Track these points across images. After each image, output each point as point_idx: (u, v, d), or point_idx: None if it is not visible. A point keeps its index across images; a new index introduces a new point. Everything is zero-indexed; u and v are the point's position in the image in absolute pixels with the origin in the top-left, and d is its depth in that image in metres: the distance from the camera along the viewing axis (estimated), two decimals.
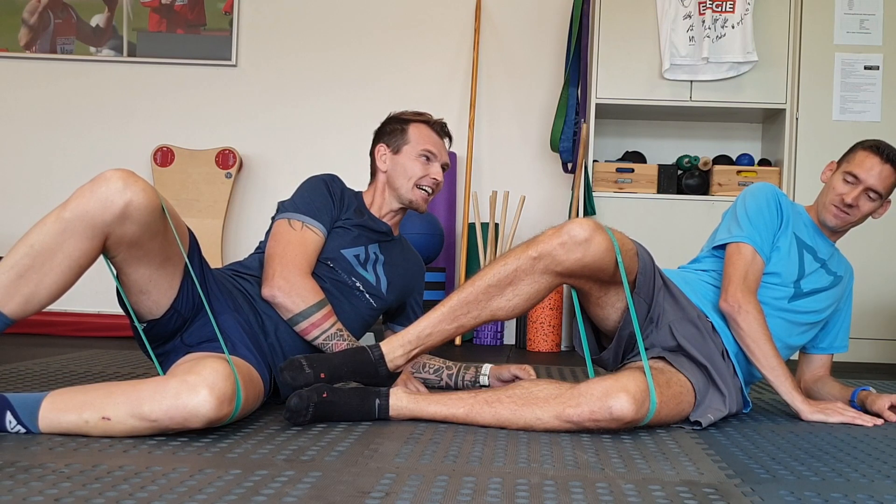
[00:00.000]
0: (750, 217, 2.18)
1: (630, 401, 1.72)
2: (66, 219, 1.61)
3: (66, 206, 1.63)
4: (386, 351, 1.89)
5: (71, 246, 1.62)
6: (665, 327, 2.03)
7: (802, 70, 3.98)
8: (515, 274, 1.85)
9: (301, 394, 1.77)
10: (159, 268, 1.77)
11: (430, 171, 2.27)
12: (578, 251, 1.81)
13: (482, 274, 1.88)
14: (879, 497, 1.36)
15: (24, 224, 4.91)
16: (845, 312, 2.36)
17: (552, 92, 4.41)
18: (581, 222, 1.83)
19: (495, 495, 1.28)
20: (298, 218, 2.14)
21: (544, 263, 1.83)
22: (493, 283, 1.86)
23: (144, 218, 1.64)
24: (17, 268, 1.62)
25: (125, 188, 1.61)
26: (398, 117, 2.34)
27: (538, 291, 1.88)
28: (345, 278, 2.19)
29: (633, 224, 3.99)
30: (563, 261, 1.82)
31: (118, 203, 1.61)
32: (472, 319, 1.89)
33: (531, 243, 1.86)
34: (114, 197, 1.60)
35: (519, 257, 1.85)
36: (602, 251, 1.82)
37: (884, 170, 2.16)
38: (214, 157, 4.36)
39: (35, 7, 4.53)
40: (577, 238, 1.80)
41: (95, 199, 1.61)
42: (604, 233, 1.83)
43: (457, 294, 1.89)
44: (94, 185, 1.62)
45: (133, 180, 1.63)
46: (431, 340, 1.90)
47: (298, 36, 4.52)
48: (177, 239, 1.77)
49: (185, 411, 1.55)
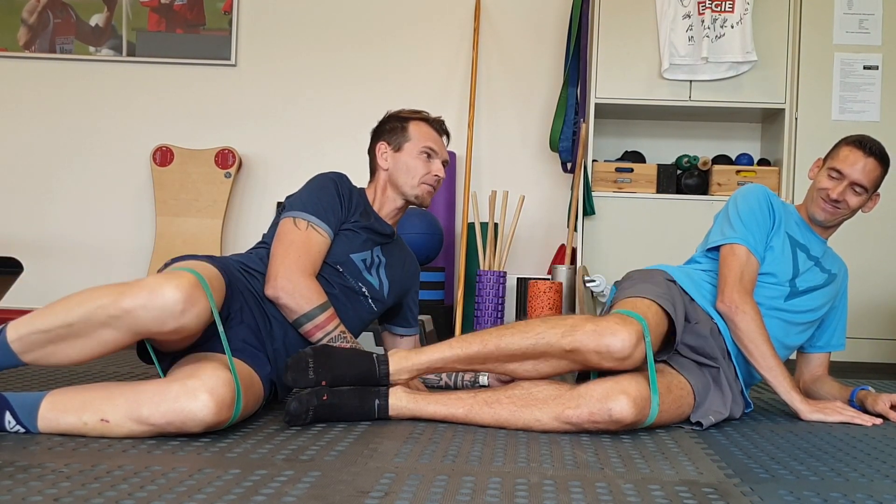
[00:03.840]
0: (742, 218, 2.18)
1: (630, 404, 1.72)
2: (113, 316, 1.58)
3: (121, 300, 1.57)
4: (392, 371, 1.88)
5: (108, 337, 1.61)
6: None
7: (802, 70, 3.98)
8: (542, 355, 1.83)
9: (300, 398, 1.77)
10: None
11: (433, 168, 2.27)
12: (612, 363, 1.78)
13: (510, 337, 1.84)
14: (878, 497, 1.36)
15: (23, 223, 4.88)
16: (841, 310, 2.36)
17: (551, 91, 4.41)
18: (622, 336, 1.74)
19: (495, 495, 1.28)
20: (305, 217, 2.13)
21: (574, 357, 1.80)
22: (517, 353, 1.83)
23: (191, 333, 1.67)
24: (49, 335, 1.61)
25: (183, 313, 1.58)
26: (397, 115, 2.34)
27: (557, 372, 1.87)
28: (352, 283, 2.18)
29: (632, 224, 4.00)
30: (595, 365, 1.80)
31: (170, 325, 1.59)
32: (483, 369, 1.91)
33: (568, 332, 1.78)
34: (168, 319, 1.58)
35: (551, 343, 1.79)
36: (636, 363, 1.79)
37: (867, 163, 2.16)
38: (214, 157, 4.36)
39: (34, 7, 4.53)
40: (615, 355, 1.75)
41: (151, 313, 1.57)
42: (642, 346, 1.78)
43: (478, 343, 1.86)
44: (153, 295, 1.57)
45: (192, 303, 1.59)
46: (437, 371, 1.94)
47: (298, 36, 4.52)
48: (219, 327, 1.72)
49: (183, 415, 1.55)
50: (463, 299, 4.03)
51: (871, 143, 2.19)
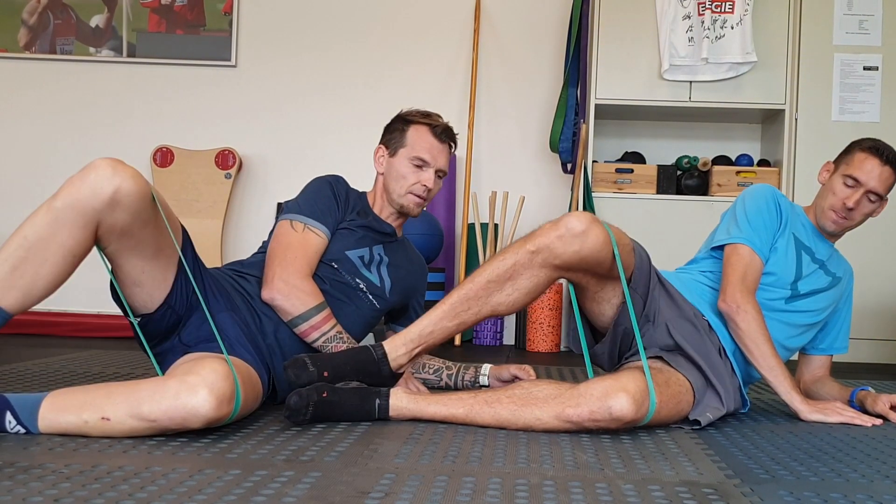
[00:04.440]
0: (749, 218, 2.17)
1: (630, 401, 1.72)
2: (57, 208, 1.62)
3: (57, 196, 1.64)
4: (388, 350, 1.89)
5: (64, 235, 1.63)
6: (662, 325, 2.03)
7: (802, 70, 3.98)
8: (514, 268, 1.86)
9: (301, 392, 1.77)
10: (152, 259, 1.77)
11: (422, 178, 2.23)
12: (576, 243, 1.81)
13: (481, 270, 1.90)
14: (878, 497, 1.36)
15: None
16: (845, 313, 2.36)
17: (551, 92, 4.41)
18: (578, 215, 1.83)
19: (495, 495, 1.28)
20: (300, 219, 2.13)
21: (542, 257, 1.84)
22: (493, 279, 1.87)
23: (134, 205, 1.65)
24: (11, 260, 1.62)
25: (113, 175, 1.62)
26: (404, 117, 2.30)
27: (537, 285, 1.88)
28: (348, 279, 2.18)
29: (632, 224, 3.96)
30: (561, 253, 1.83)
31: (107, 189, 1.61)
32: (472, 315, 1.90)
33: (529, 237, 1.87)
34: (102, 183, 1.61)
35: (517, 252, 1.86)
36: (599, 243, 1.83)
37: (884, 171, 2.15)
38: (214, 158, 4.36)
39: (34, 7, 4.53)
40: (575, 230, 1.81)
41: (85, 187, 1.62)
42: (601, 226, 1.84)
43: (457, 291, 1.90)
44: (83, 174, 1.63)
45: (121, 168, 1.64)
46: (433, 338, 1.91)
47: (298, 36, 4.52)
48: (168, 229, 1.77)
49: (184, 411, 1.55)
50: None
51: (887, 149, 2.17)
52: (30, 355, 2.95)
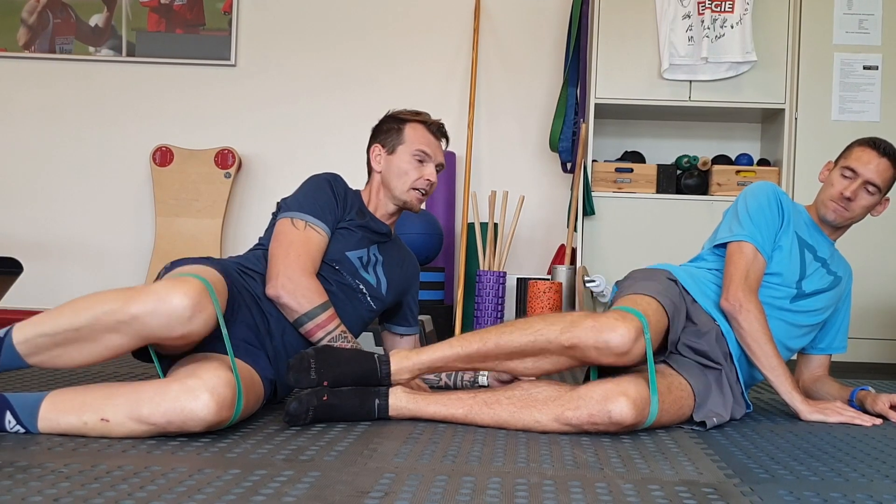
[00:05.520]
0: (751, 215, 2.17)
1: (630, 405, 1.72)
2: (121, 321, 1.59)
3: (130, 305, 1.58)
4: (394, 370, 1.89)
5: (114, 342, 1.63)
6: (679, 348, 2.04)
7: (801, 70, 3.97)
8: (542, 351, 1.84)
9: (301, 398, 1.77)
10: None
11: (424, 173, 2.25)
12: (612, 359, 1.78)
13: (510, 334, 1.85)
14: (878, 497, 1.36)
15: (22, 223, 4.87)
16: (844, 313, 2.36)
17: (551, 92, 4.41)
18: (621, 332, 1.74)
19: (494, 495, 1.28)
20: (302, 217, 2.13)
21: (573, 354, 1.81)
22: (517, 351, 1.85)
23: (198, 338, 1.67)
24: (56, 339, 1.63)
25: (191, 319, 1.60)
26: (395, 116, 2.32)
27: (557, 369, 1.88)
28: (349, 281, 2.18)
29: (632, 224, 4.00)
30: (594, 360, 1.81)
31: (178, 331, 1.61)
32: (484, 367, 1.92)
33: (567, 328, 1.79)
34: (175, 325, 1.59)
35: (550, 339, 1.81)
36: (636, 359, 1.80)
37: (881, 163, 2.17)
38: (213, 157, 4.36)
39: (34, 7, 4.53)
40: (615, 350, 1.76)
41: (159, 319, 1.58)
42: (642, 342, 1.78)
43: (478, 342, 1.87)
44: (160, 301, 1.58)
45: (199, 309, 1.60)
46: (440, 371, 1.94)
47: (297, 36, 4.52)
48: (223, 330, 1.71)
49: (184, 415, 1.55)
50: (463, 299, 4.03)
51: (884, 144, 2.21)
52: None
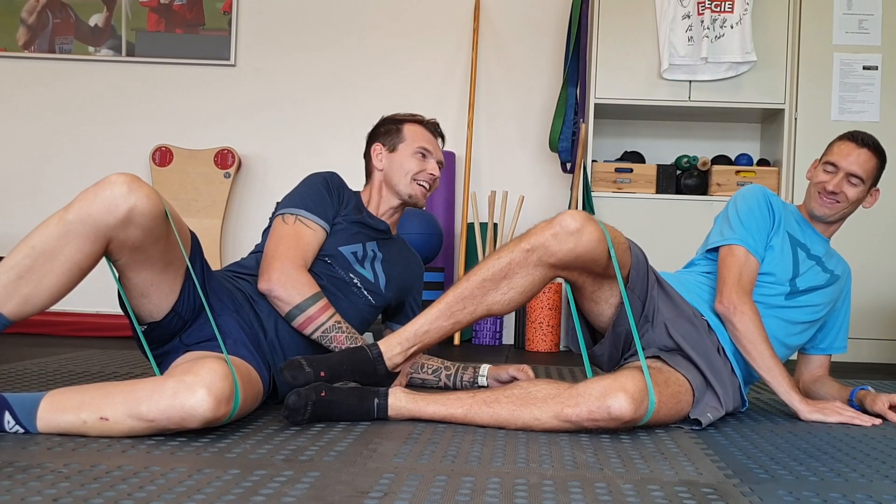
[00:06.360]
0: (742, 219, 2.19)
1: (628, 400, 1.72)
2: (68, 221, 1.61)
3: (70, 208, 1.63)
4: (384, 349, 1.89)
5: (73, 248, 1.62)
6: (661, 325, 2.03)
7: (801, 70, 3.98)
8: (509, 267, 1.86)
9: (299, 392, 1.77)
10: (161, 272, 1.77)
11: (427, 167, 2.30)
12: (570, 241, 1.82)
13: (477, 269, 1.89)
14: (878, 497, 1.36)
15: (22, 223, 4.90)
16: (844, 312, 2.36)
17: (551, 92, 4.41)
18: (573, 213, 1.84)
19: (494, 495, 1.28)
20: (291, 212, 2.17)
21: (537, 255, 1.84)
22: (488, 278, 1.87)
23: (148, 223, 1.65)
24: (17, 268, 1.62)
25: (129, 193, 1.61)
26: (392, 118, 2.38)
27: (532, 284, 1.88)
28: (342, 274, 2.20)
29: (631, 224, 3.98)
30: (556, 251, 1.83)
31: (122, 208, 1.61)
32: (468, 315, 1.89)
33: (524, 236, 1.87)
34: (118, 201, 1.61)
35: (512, 250, 1.86)
36: (594, 241, 1.83)
37: (861, 154, 2.20)
38: (213, 157, 4.36)
39: (33, 7, 4.53)
40: (569, 228, 1.81)
41: (99, 203, 1.61)
42: (595, 224, 1.85)
43: (452, 290, 1.90)
44: (98, 189, 1.62)
45: (137, 185, 1.63)
46: (429, 338, 1.91)
47: (297, 36, 4.52)
48: (179, 244, 1.77)
49: (182, 411, 1.55)
50: None
51: (862, 135, 2.24)
52: (29, 355, 2.95)
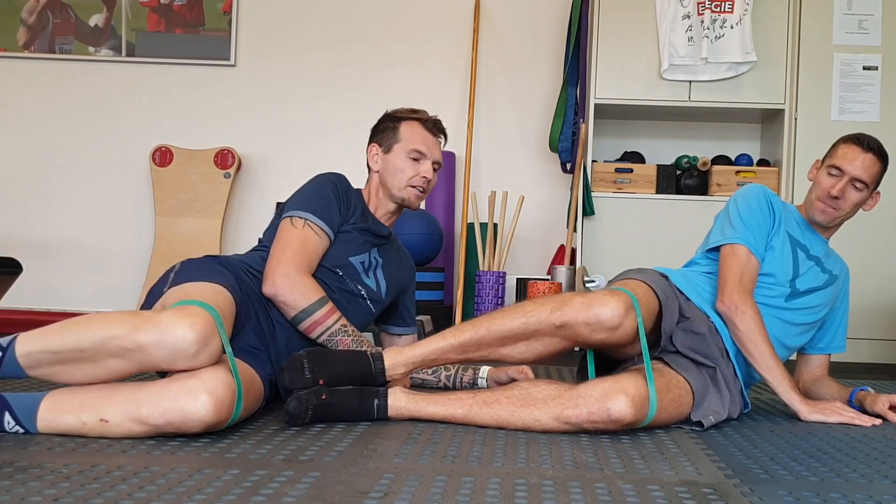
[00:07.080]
0: (743, 218, 2.18)
1: (629, 403, 1.72)
2: (125, 348, 1.57)
3: (135, 334, 1.56)
4: (388, 366, 1.89)
5: (117, 366, 1.61)
6: (674, 344, 2.04)
7: (801, 70, 3.98)
8: (534, 333, 1.84)
9: (300, 397, 1.77)
10: None
11: (420, 170, 2.25)
12: (603, 334, 1.79)
13: (501, 319, 1.86)
14: (878, 497, 1.36)
15: (21, 223, 4.87)
16: (842, 312, 2.36)
17: (551, 92, 4.41)
18: (611, 305, 1.77)
19: (494, 495, 1.28)
20: (300, 216, 2.13)
21: (565, 333, 1.82)
22: (509, 335, 1.85)
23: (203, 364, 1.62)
24: (58, 356, 1.61)
25: (195, 355, 1.56)
26: (392, 115, 2.33)
27: (550, 352, 1.88)
28: (351, 286, 2.19)
29: (631, 224, 4.00)
30: (586, 339, 1.82)
31: (182, 365, 1.57)
32: (478, 356, 1.91)
33: (557, 307, 1.81)
34: (180, 359, 1.57)
35: (541, 319, 1.82)
36: (628, 335, 1.81)
37: (866, 159, 2.17)
38: (213, 157, 4.36)
39: (34, 7, 4.53)
40: (605, 324, 1.78)
41: (163, 352, 1.55)
42: (633, 316, 1.80)
43: (471, 330, 1.87)
44: (166, 333, 1.55)
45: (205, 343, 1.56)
46: (434, 364, 1.94)
47: (297, 36, 4.52)
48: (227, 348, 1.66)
49: (182, 415, 1.54)
50: (462, 300, 4.03)
51: (868, 139, 2.21)
52: None
